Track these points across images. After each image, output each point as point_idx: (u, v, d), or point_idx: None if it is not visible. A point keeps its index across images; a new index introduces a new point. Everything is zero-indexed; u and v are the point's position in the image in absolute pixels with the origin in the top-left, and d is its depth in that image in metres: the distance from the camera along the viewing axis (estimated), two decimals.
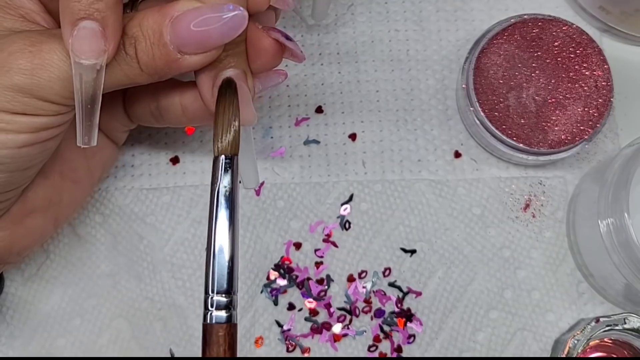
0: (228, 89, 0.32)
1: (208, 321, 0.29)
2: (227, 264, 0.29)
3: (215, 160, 0.31)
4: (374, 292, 0.42)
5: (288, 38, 0.34)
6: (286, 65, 0.46)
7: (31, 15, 0.33)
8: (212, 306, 0.29)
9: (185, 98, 0.36)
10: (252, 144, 0.35)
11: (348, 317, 0.42)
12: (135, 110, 0.38)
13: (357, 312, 0.42)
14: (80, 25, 0.28)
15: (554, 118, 0.42)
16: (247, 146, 0.35)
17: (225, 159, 0.31)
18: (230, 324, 0.29)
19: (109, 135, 0.40)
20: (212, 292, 0.29)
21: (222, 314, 0.29)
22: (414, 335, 0.42)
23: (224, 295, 0.29)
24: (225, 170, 0.31)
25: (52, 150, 0.33)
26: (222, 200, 0.30)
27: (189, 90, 0.36)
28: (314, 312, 0.42)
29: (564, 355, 0.40)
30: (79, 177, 0.38)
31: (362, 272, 0.43)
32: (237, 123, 0.31)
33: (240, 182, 0.33)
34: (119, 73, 0.31)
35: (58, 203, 0.37)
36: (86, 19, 0.28)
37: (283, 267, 0.43)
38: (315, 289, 0.42)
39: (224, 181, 0.30)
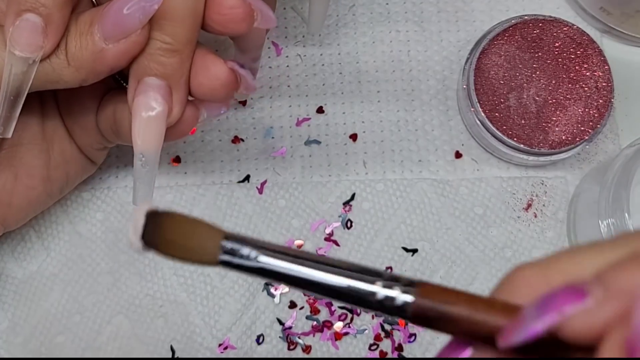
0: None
1: None
2: None
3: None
4: None
5: (242, 66, 0.33)
6: (287, 66, 0.46)
7: None
8: None
9: None
10: (155, 165, 0.33)
11: (349, 315, 0.42)
12: (101, 124, 0.36)
13: (358, 310, 0.42)
14: (24, 16, 0.29)
15: (554, 119, 0.42)
16: (150, 169, 0.32)
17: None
18: None
19: (84, 150, 0.38)
20: None
21: None
22: (414, 334, 0.42)
23: None
24: None
25: None
26: None
27: None
28: (315, 311, 0.42)
29: None
30: (34, 184, 0.37)
31: None
32: None
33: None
34: (46, 66, 0.30)
35: (7, 204, 0.36)
36: (31, 12, 0.29)
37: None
38: None
39: None
